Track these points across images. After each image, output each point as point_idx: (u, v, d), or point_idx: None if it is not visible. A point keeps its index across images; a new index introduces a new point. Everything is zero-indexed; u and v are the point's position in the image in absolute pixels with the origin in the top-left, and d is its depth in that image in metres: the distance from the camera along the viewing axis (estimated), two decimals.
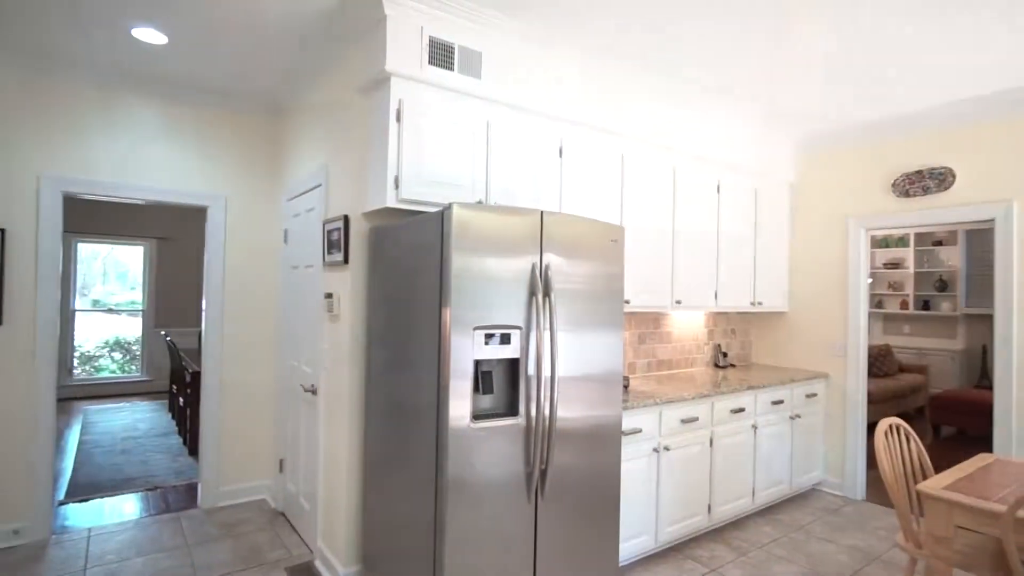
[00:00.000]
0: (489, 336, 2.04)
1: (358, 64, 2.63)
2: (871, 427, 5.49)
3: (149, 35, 2.85)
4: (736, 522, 3.60)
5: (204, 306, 3.73)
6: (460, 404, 1.98)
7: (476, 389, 2.05)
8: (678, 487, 3.13)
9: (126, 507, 3.69)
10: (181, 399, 5.45)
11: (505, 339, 2.09)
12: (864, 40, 2.80)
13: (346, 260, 2.63)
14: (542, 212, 2.18)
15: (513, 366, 2.17)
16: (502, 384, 2.18)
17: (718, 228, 3.87)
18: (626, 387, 3.28)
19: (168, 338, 6.20)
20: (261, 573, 2.85)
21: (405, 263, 2.29)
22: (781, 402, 3.80)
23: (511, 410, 2.16)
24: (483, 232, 2.03)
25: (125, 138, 3.44)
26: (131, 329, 7.88)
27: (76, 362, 7.50)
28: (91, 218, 7.32)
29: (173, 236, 7.90)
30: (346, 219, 2.61)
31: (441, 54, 2.50)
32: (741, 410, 3.49)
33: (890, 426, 2.59)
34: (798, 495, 4.11)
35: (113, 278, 7.87)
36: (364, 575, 2.60)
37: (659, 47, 2.94)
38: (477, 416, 2.05)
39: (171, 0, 2.53)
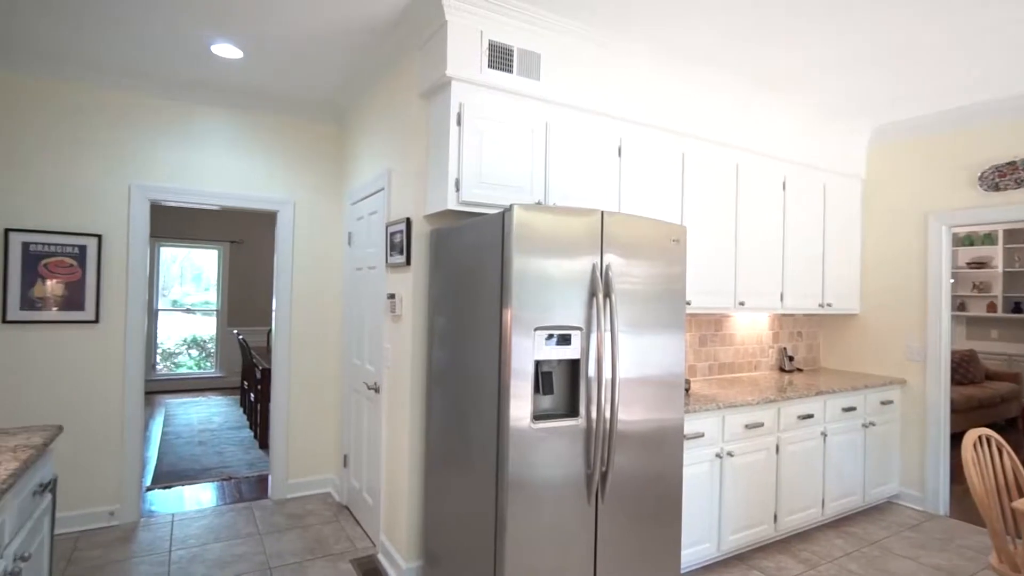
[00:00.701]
0: (549, 337, 2.05)
1: (419, 70, 2.70)
2: (955, 438, 5.13)
3: (227, 51, 3.02)
4: (804, 533, 3.45)
5: (274, 306, 3.92)
6: (521, 404, 2.00)
7: (536, 389, 2.06)
8: (742, 494, 3.03)
9: (204, 495, 3.92)
10: (252, 395, 5.74)
11: (565, 340, 2.09)
12: (956, 22, 2.63)
13: (408, 262, 2.70)
14: (602, 212, 2.17)
15: (573, 367, 2.17)
16: (562, 385, 2.18)
17: (784, 226, 3.73)
18: (687, 390, 3.21)
19: (240, 336, 6.54)
20: (328, 564, 2.97)
21: (466, 264, 2.33)
22: (853, 409, 3.61)
23: (571, 411, 2.16)
24: (543, 233, 2.03)
25: (203, 148, 3.66)
26: (206, 328, 8.36)
27: (158, 358, 8.04)
28: (170, 223, 7.82)
29: (244, 239, 8.33)
30: (408, 221, 2.68)
31: (500, 57, 2.53)
32: (809, 416, 3.34)
33: (979, 437, 2.41)
34: (872, 508, 3.89)
35: (189, 279, 8.37)
36: (426, 570, 2.66)
37: (721, 41, 2.87)
38: (537, 416, 2.06)
39: (248, 17, 2.68)
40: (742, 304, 3.51)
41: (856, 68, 3.14)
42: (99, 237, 3.34)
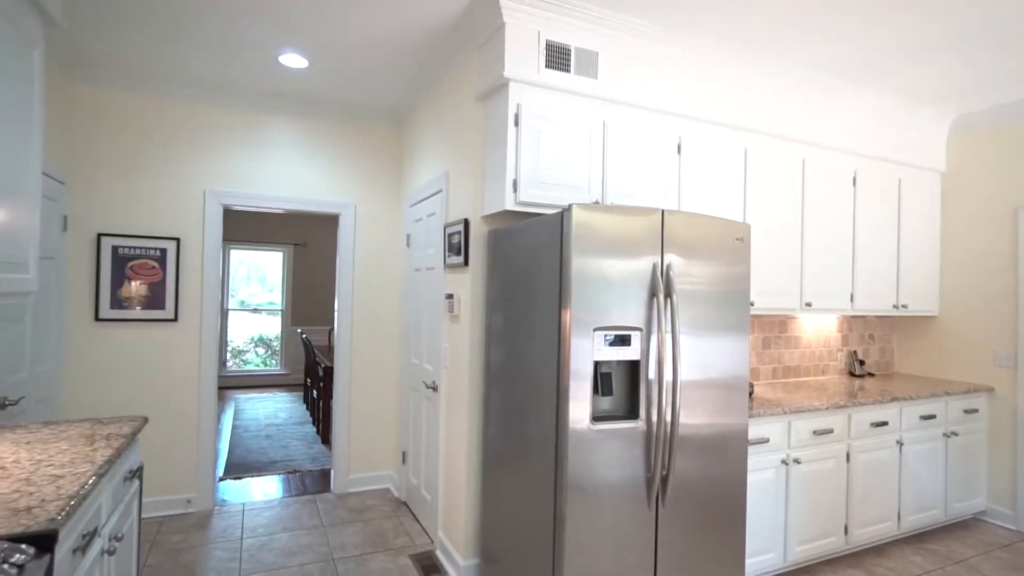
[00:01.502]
0: (608, 337, 2.03)
1: (476, 72, 2.73)
2: None
3: (293, 60, 3.16)
4: (878, 547, 3.26)
5: (336, 306, 4.06)
6: (580, 406, 1.98)
7: (595, 391, 2.04)
8: (809, 504, 2.90)
9: (271, 487, 4.11)
10: (314, 391, 5.96)
11: (625, 341, 2.06)
12: None
13: (466, 262, 2.73)
14: (663, 211, 2.12)
15: (633, 368, 2.13)
16: (621, 386, 2.15)
17: (854, 223, 3.54)
18: (750, 394, 3.10)
19: (303, 335, 6.81)
20: (388, 557, 3.04)
21: (524, 264, 2.33)
22: (933, 417, 3.39)
23: (631, 413, 2.13)
24: (603, 232, 2.01)
25: (269, 154, 3.83)
26: (271, 327, 8.75)
27: (228, 356, 8.47)
28: (238, 227, 8.23)
29: (307, 242, 8.67)
30: (466, 222, 2.72)
31: (558, 57, 2.52)
32: (883, 424, 3.16)
33: None
34: (955, 524, 3.63)
35: (255, 281, 8.78)
36: (483, 568, 2.69)
37: (789, 32, 2.75)
38: (597, 418, 2.04)
39: (314, 26, 2.78)
40: (808, 305, 3.36)
41: (937, 54, 2.95)
42: (178, 240, 3.55)
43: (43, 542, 1.14)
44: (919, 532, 3.46)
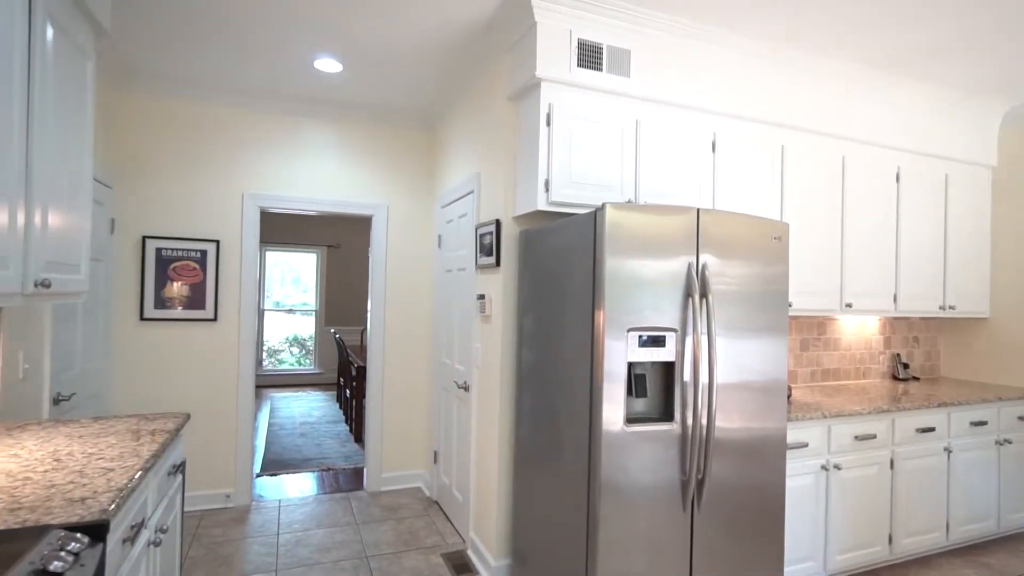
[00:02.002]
0: (643, 338, 2.00)
1: (508, 73, 2.74)
2: None
3: (328, 65, 3.22)
4: (925, 559, 3.14)
5: (369, 307, 4.12)
6: (613, 407, 1.97)
7: (629, 392, 2.02)
8: (851, 511, 2.81)
9: (305, 484, 4.19)
10: (347, 391, 6.06)
11: (659, 342, 2.03)
12: None
13: (498, 263, 2.73)
14: (698, 210, 2.09)
15: (667, 370, 2.10)
16: (656, 388, 2.12)
17: (898, 222, 3.42)
18: (788, 397, 3.03)
19: (337, 335, 6.93)
20: (420, 556, 3.07)
21: (556, 265, 2.32)
22: (984, 423, 3.24)
23: (666, 415, 2.10)
24: (637, 232, 1.99)
25: (304, 157, 3.92)
26: (305, 327, 8.93)
27: (264, 355, 8.68)
28: (273, 229, 8.43)
29: (340, 243, 8.82)
30: (498, 223, 2.72)
31: (590, 55, 2.51)
32: (930, 430, 3.04)
33: None
34: (1010, 536, 3.47)
35: (289, 282, 8.97)
36: (514, 569, 2.68)
37: (829, 26, 2.68)
38: (631, 420, 2.01)
39: (348, 31, 2.83)
40: (849, 306, 3.25)
41: (989, 43, 2.83)
42: (217, 242, 3.66)
43: (96, 532, 1.19)
44: (970, 544, 3.32)
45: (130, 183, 3.51)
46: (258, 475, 4.33)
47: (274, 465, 4.60)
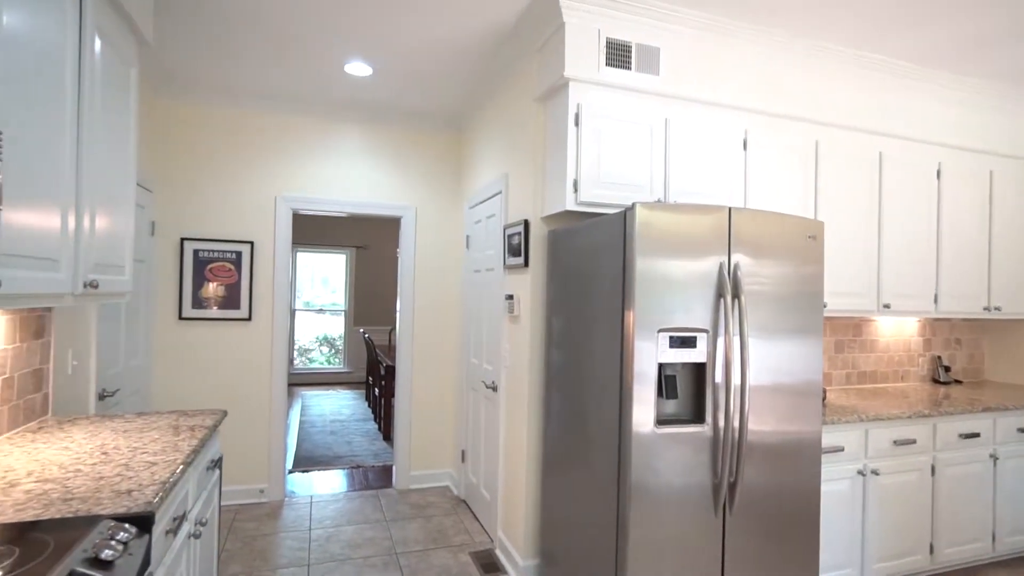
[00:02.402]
0: (674, 339, 1.98)
1: (536, 73, 2.74)
2: None
3: (358, 68, 3.27)
4: (969, 570, 3.03)
5: (398, 307, 4.17)
6: (643, 409, 1.95)
7: (659, 393, 2.00)
8: (890, 519, 2.73)
9: (336, 481, 4.26)
10: (376, 389, 6.14)
11: (690, 343, 2.01)
12: None
13: (526, 263, 2.74)
14: (730, 209, 2.06)
15: (698, 371, 2.08)
16: (686, 389, 2.10)
17: (938, 219, 3.31)
18: (823, 400, 2.96)
19: (366, 335, 7.03)
20: (448, 554, 3.09)
21: (585, 265, 2.32)
22: None
23: (697, 417, 2.07)
24: (667, 232, 1.97)
25: (334, 160, 3.99)
26: (335, 327, 9.08)
27: (295, 354, 8.86)
28: (302, 230, 8.60)
29: (369, 245, 8.95)
30: (526, 223, 2.73)
31: (618, 54, 2.50)
32: (975, 436, 2.94)
33: None
34: None
35: (318, 282, 9.14)
36: (543, 569, 2.68)
37: (861, 16, 2.61)
38: (661, 421, 2.00)
39: (378, 34, 2.88)
40: (887, 307, 3.16)
41: None
42: (251, 244, 3.75)
43: (142, 523, 1.23)
44: (1018, 556, 3.19)
45: (169, 186, 3.63)
46: (290, 471, 4.42)
47: (305, 462, 4.70)
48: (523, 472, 2.78)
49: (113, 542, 1.06)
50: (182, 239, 3.63)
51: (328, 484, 4.18)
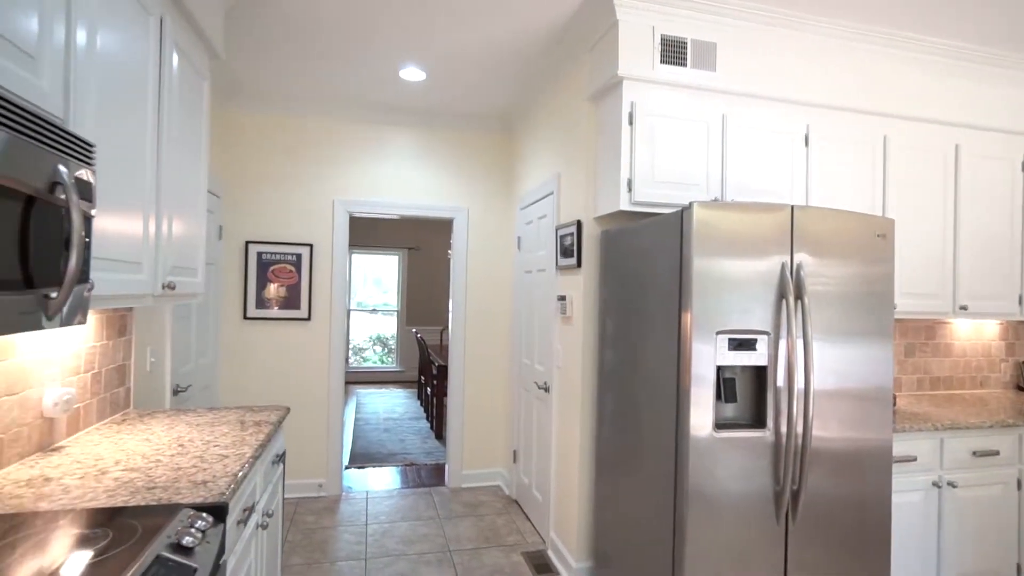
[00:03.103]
0: (733, 342, 1.93)
1: (588, 73, 2.72)
2: None
3: (412, 74, 3.34)
4: None
5: (451, 307, 4.23)
6: (701, 412, 1.91)
7: (718, 397, 1.95)
8: (970, 534, 2.56)
9: (390, 477, 4.36)
10: (428, 388, 6.25)
11: (750, 345, 1.95)
12: None
13: (579, 264, 2.73)
14: (792, 207, 1.99)
15: (759, 374, 2.01)
16: (746, 393, 2.04)
17: (1023, 215, 3.08)
18: (893, 407, 2.80)
19: (418, 335, 7.16)
20: (501, 553, 3.11)
21: (640, 266, 2.29)
22: None
23: (757, 422, 2.01)
24: (726, 231, 1.92)
25: (389, 163, 4.09)
26: (388, 327, 9.30)
27: (350, 353, 9.13)
28: (356, 233, 8.84)
29: (420, 246, 9.12)
30: (578, 224, 2.72)
31: (673, 51, 2.45)
32: None
33: None
34: None
35: (371, 283, 9.37)
36: (597, 571, 2.66)
37: (930, 3, 2.47)
38: (720, 425, 1.95)
39: (432, 39, 2.93)
40: (964, 309, 2.97)
41: None
42: (311, 246, 3.89)
43: (216, 512, 1.30)
44: None
45: (235, 192, 3.81)
46: (346, 467, 4.56)
47: (361, 458, 4.83)
48: (575, 473, 2.77)
49: (193, 529, 1.13)
50: (247, 242, 3.80)
51: (382, 481, 4.28)
